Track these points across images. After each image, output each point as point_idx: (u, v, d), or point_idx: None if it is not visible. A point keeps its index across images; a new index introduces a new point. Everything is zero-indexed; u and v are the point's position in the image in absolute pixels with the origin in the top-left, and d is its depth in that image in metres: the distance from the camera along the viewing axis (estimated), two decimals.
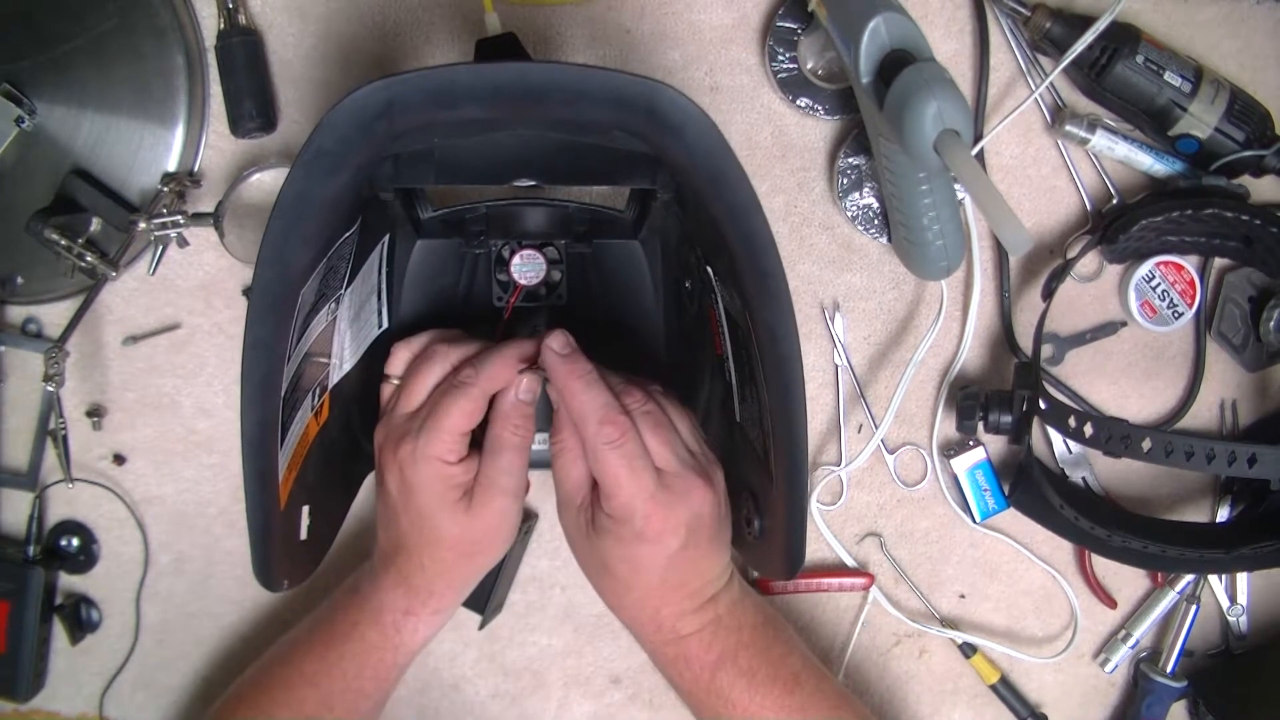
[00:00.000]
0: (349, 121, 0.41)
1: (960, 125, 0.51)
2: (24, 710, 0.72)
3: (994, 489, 0.70)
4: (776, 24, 0.66)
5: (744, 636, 0.58)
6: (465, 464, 0.54)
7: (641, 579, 0.55)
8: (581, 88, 0.42)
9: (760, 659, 0.58)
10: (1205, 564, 0.67)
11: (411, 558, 0.56)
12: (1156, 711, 0.72)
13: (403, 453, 0.53)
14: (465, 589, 0.60)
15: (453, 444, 0.53)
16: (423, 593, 0.57)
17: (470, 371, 0.54)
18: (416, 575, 0.57)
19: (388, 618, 0.58)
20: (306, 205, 0.43)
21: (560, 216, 0.64)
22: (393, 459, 0.54)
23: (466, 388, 0.53)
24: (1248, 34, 0.68)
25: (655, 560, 0.54)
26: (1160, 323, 0.69)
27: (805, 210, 0.70)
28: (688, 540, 0.54)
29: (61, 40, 0.64)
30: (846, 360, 0.71)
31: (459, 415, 0.53)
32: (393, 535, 0.57)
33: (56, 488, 0.70)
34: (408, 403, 0.55)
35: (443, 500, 0.54)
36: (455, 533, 0.55)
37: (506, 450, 0.55)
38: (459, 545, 0.56)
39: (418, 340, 0.58)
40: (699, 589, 0.57)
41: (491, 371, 0.54)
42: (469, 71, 0.42)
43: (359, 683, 0.58)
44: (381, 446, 0.56)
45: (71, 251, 0.65)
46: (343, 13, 0.67)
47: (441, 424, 0.53)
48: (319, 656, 0.59)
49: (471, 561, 0.58)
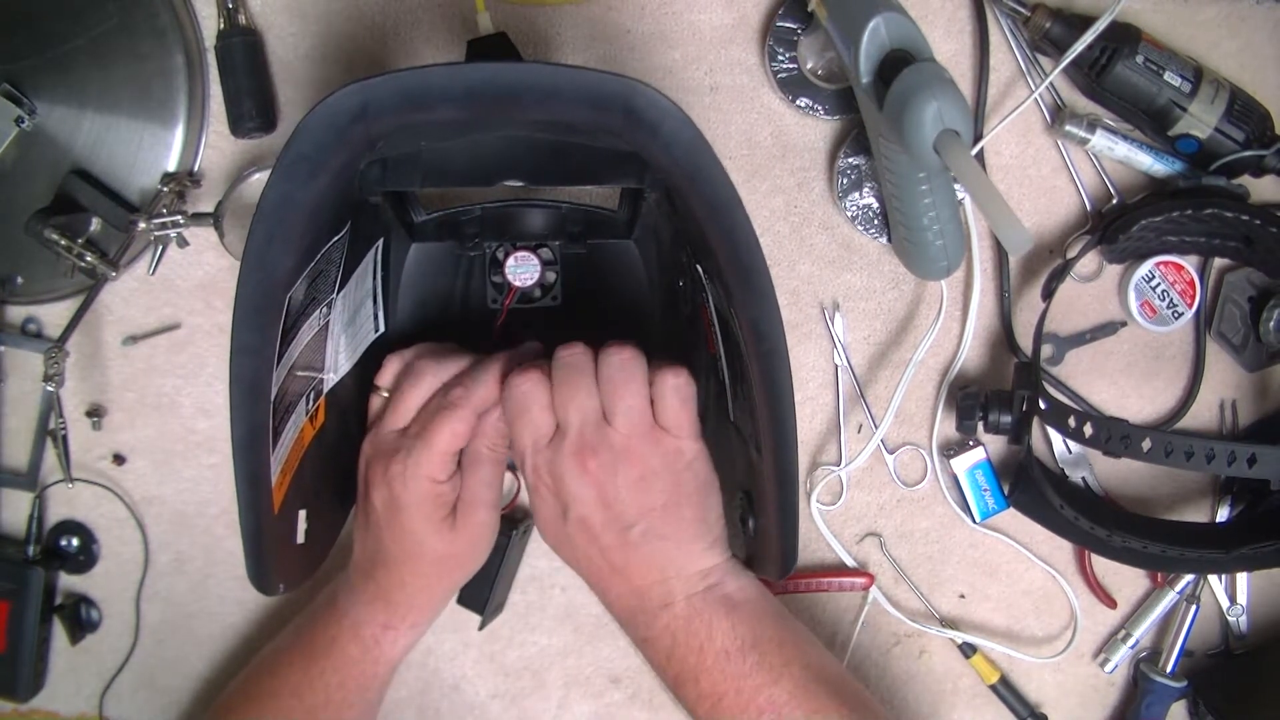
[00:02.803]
0: (324, 126, 0.41)
1: (960, 125, 0.51)
2: (24, 710, 0.72)
3: (994, 489, 0.70)
4: (776, 24, 0.66)
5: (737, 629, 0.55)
6: (453, 481, 0.55)
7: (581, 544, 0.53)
8: (556, 87, 0.42)
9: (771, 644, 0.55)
10: (1205, 564, 0.67)
11: (392, 573, 0.56)
12: (1156, 711, 0.72)
13: (393, 471, 0.53)
14: (443, 603, 0.60)
15: (444, 463, 0.54)
16: (402, 608, 0.57)
17: (460, 392, 0.54)
18: (397, 591, 0.57)
19: (366, 632, 0.58)
20: (288, 210, 0.43)
21: (554, 217, 0.64)
22: (381, 476, 0.54)
23: (457, 409, 0.53)
24: (1248, 34, 0.68)
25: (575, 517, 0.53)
26: (1160, 323, 0.69)
27: (805, 210, 0.70)
28: (590, 510, 0.51)
29: (61, 40, 0.64)
30: (846, 360, 0.71)
31: (450, 436, 0.53)
32: (372, 550, 0.57)
33: (56, 488, 0.70)
34: (395, 419, 0.55)
35: (430, 519, 0.54)
36: (440, 549, 0.55)
37: (485, 464, 0.55)
38: (443, 562, 0.56)
39: (409, 352, 0.58)
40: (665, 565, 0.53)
41: (482, 392, 0.54)
42: (442, 73, 0.42)
43: (341, 694, 0.58)
44: (369, 462, 0.56)
45: (71, 251, 0.65)
46: (342, 13, 0.67)
47: (433, 444, 0.53)
48: (301, 669, 0.59)
49: (451, 577, 0.58)
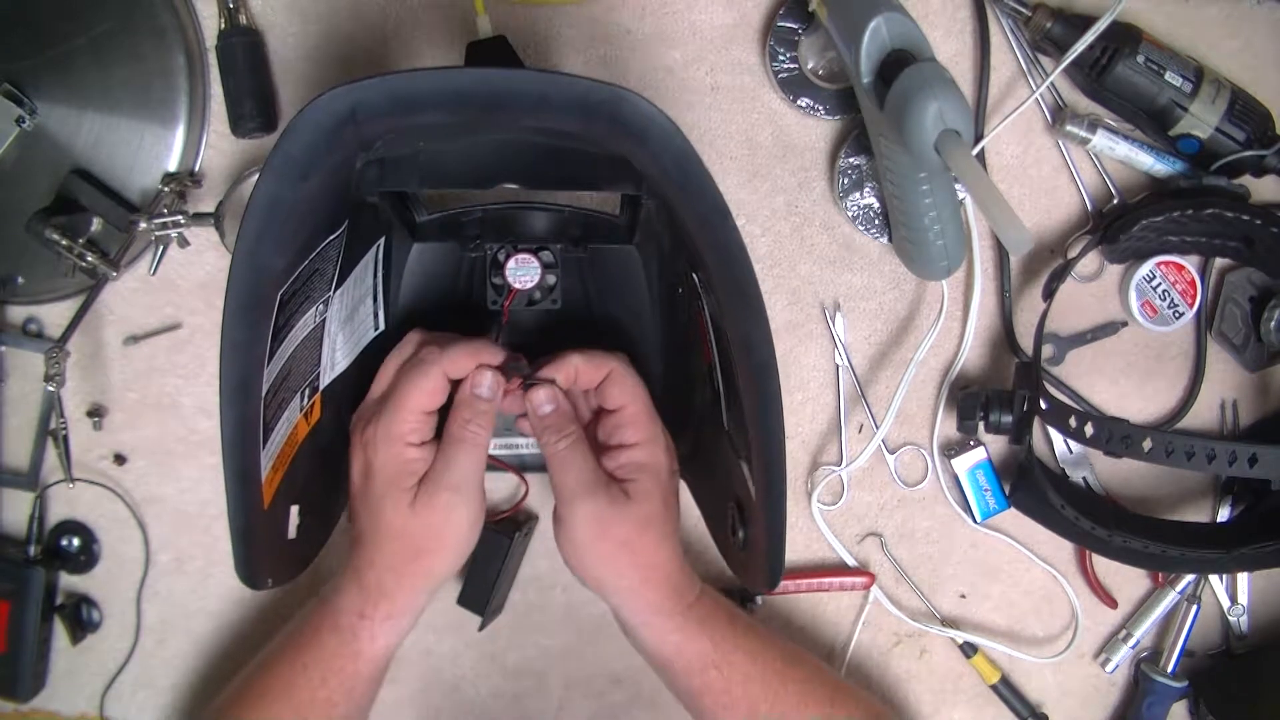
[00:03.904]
0: (313, 127, 0.41)
1: (961, 125, 0.51)
2: (24, 710, 0.72)
3: (994, 489, 0.70)
4: (777, 24, 0.66)
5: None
6: (424, 450, 0.54)
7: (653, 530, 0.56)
8: (544, 94, 0.42)
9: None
10: (1205, 564, 0.67)
11: (364, 551, 0.56)
12: (1157, 711, 0.72)
13: (368, 434, 0.54)
14: (416, 594, 0.57)
15: (415, 423, 0.53)
16: (373, 592, 0.56)
17: (434, 350, 0.54)
18: (367, 571, 0.56)
19: (344, 620, 0.57)
20: (278, 210, 0.43)
21: (556, 220, 0.64)
22: (359, 441, 0.54)
23: (426, 365, 0.53)
24: (1248, 34, 0.68)
25: (663, 496, 0.57)
26: (1161, 323, 0.69)
27: (806, 210, 0.70)
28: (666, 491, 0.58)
29: (61, 40, 0.64)
30: (847, 360, 0.71)
31: (418, 393, 0.53)
32: (354, 530, 0.57)
33: (57, 488, 0.70)
34: (377, 387, 0.56)
35: (394, 486, 0.54)
36: (397, 524, 0.54)
37: (457, 444, 0.54)
38: (402, 538, 0.55)
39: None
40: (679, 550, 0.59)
41: (454, 354, 0.54)
42: (431, 77, 0.42)
43: (325, 691, 0.57)
44: (352, 430, 0.56)
45: (72, 251, 0.65)
46: (343, 13, 0.67)
47: (403, 401, 0.53)
48: (289, 662, 0.58)
49: (418, 562, 0.56)
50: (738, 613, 0.61)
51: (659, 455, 0.57)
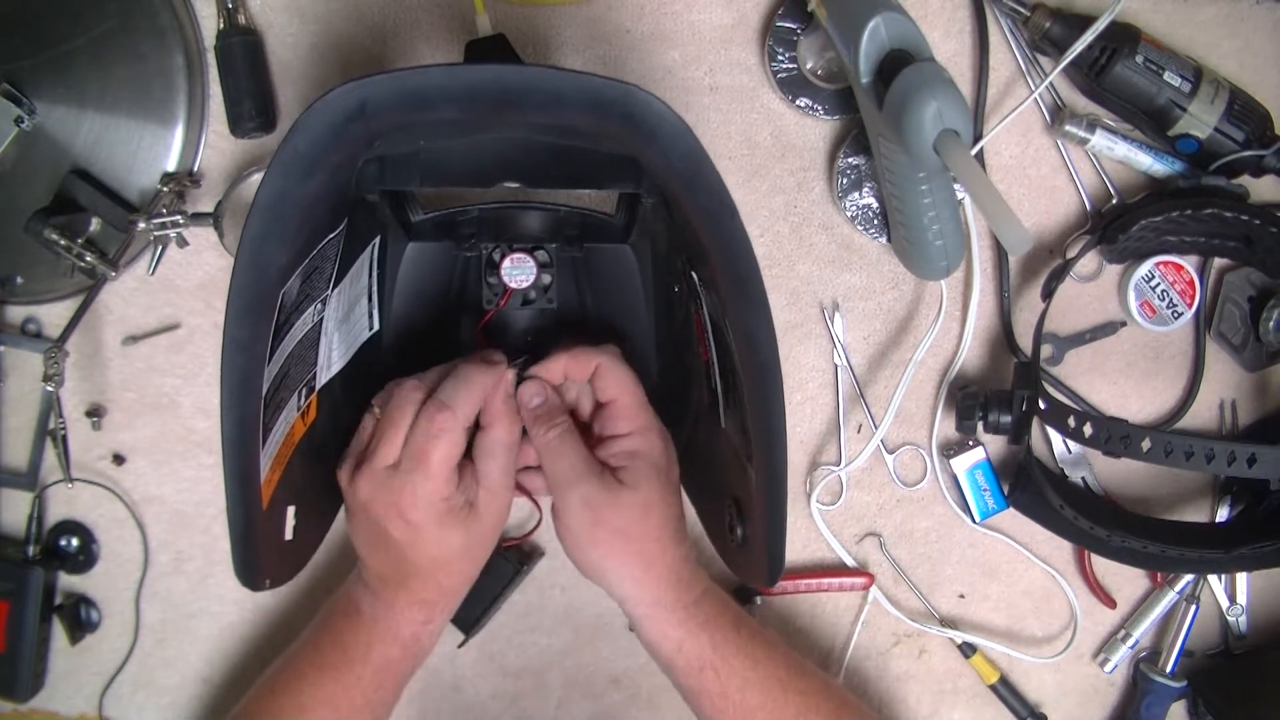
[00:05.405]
0: (322, 123, 0.41)
1: (960, 125, 0.51)
2: (24, 710, 0.72)
3: (994, 489, 0.70)
4: (776, 24, 0.66)
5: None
6: (463, 486, 0.55)
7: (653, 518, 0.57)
8: (557, 91, 0.42)
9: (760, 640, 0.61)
10: (1205, 564, 0.67)
11: (428, 582, 0.57)
12: (1156, 711, 0.72)
13: (404, 504, 0.54)
14: (474, 579, 0.60)
15: (448, 481, 0.54)
16: (440, 604, 0.59)
17: (447, 416, 0.54)
18: (433, 593, 0.58)
19: (406, 631, 0.58)
20: (284, 206, 0.43)
21: (551, 220, 0.64)
22: (393, 512, 0.54)
23: (447, 432, 0.54)
24: (1247, 34, 0.68)
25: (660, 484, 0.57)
26: (1160, 323, 0.69)
27: (805, 210, 0.70)
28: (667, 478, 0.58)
29: (61, 40, 0.64)
30: (846, 360, 0.71)
31: (441, 461, 0.54)
32: (400, 566, 0.57)
33: (56, 488, 0.70)
34: (387, 454, 0.55)
35: (450, 523, 0.55)
36: (467, 541, 0.56)
37: (499, 449, 0.56)
38: (471, 550, 0.57)
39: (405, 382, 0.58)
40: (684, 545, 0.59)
41: (465, 410, 0.54)
42: (443, 73, 0.42)
43: (380, 694, 0.59)
44: (369, 500, 0.55)
45: (71, 251, 0.65)
46: (342, 13, 0.67)
47: (431, 471, 0.53)
48: (333, 679, 0.58)
49: (479, 561, 0.59)
50: (745, 617, 0.61)
51: (653, 443, 0.58)
